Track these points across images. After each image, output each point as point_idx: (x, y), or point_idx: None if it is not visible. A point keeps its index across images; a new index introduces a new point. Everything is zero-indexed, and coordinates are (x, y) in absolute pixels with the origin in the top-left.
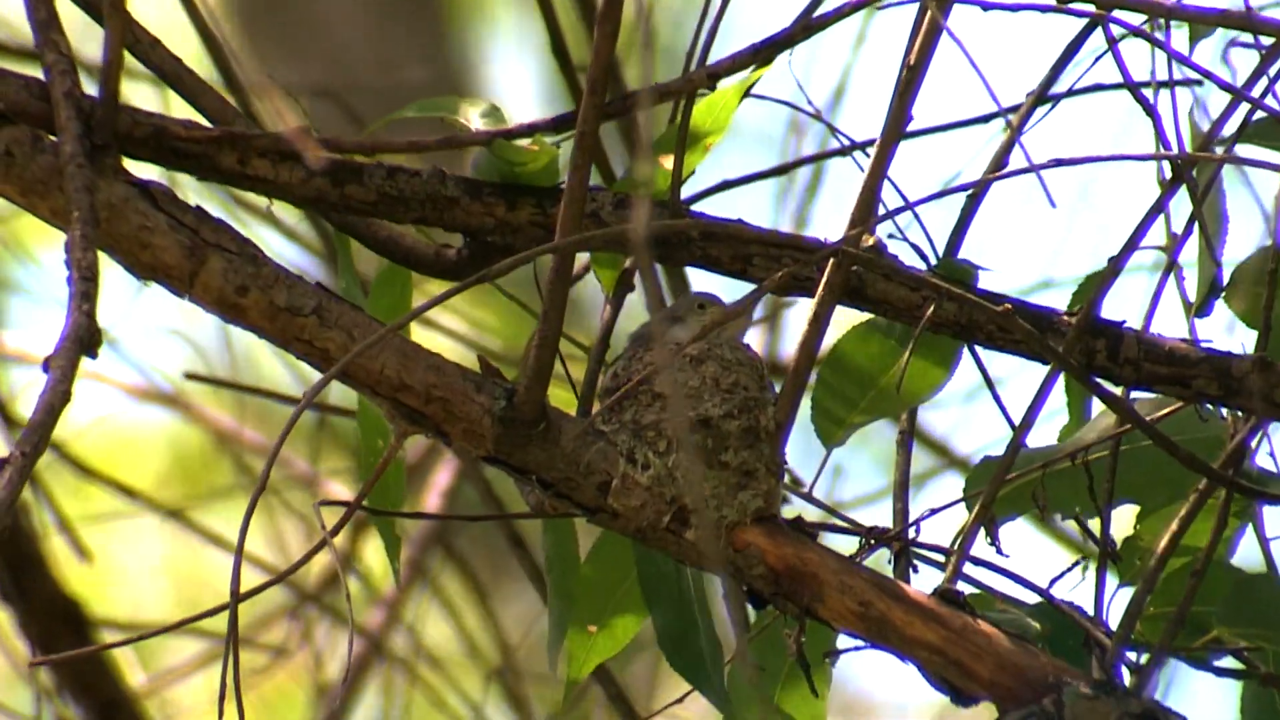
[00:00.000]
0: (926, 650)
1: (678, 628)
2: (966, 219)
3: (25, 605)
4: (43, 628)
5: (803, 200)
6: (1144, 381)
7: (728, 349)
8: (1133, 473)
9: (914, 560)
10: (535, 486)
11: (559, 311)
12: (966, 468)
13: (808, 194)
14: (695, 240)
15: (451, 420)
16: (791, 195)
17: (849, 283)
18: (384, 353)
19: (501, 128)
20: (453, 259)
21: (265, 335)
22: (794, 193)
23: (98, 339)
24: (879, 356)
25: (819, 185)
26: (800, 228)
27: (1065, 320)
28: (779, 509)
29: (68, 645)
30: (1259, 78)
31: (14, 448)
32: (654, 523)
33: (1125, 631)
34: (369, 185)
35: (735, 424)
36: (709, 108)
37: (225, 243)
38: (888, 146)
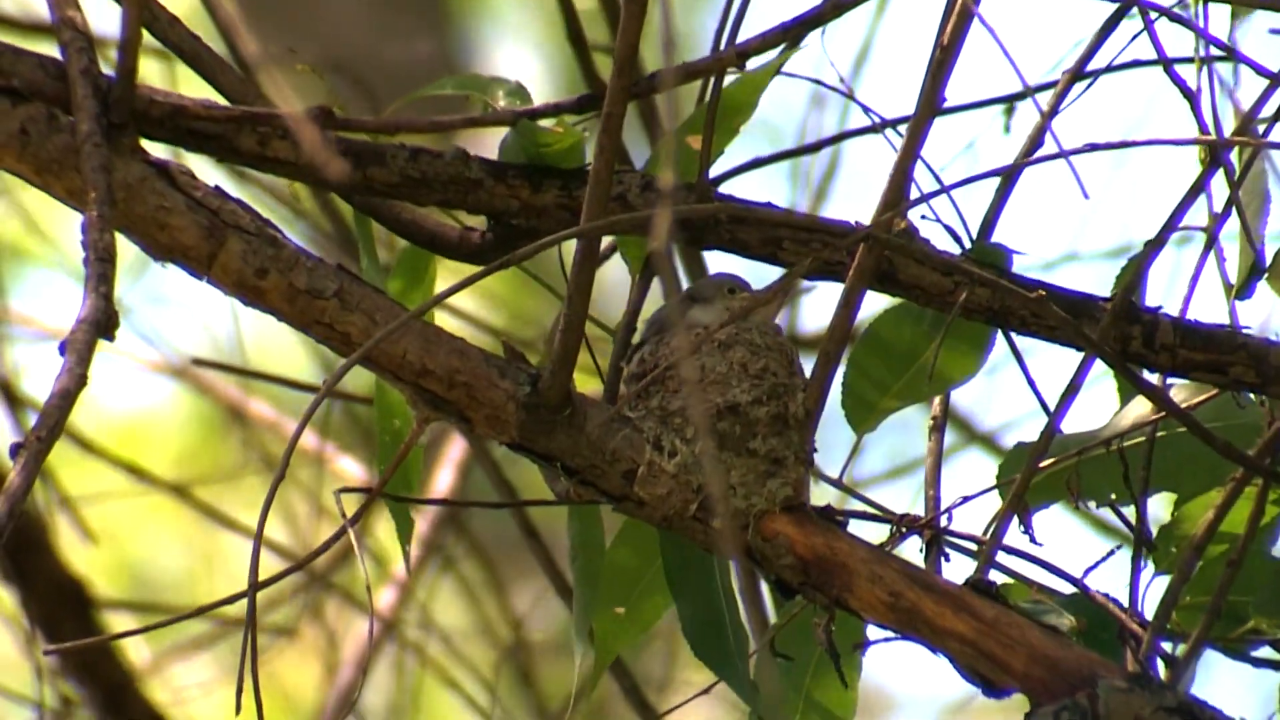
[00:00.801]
0: (958, 642)
1: (703, 617)
2: (999, 203)
3: (27, 586)
4: (46, 609)
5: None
6: (1180, 368)
7: (757, 333)
8: (1169, 460)
9: (946, 549)
10: (560, 474)
11: (584, 295)
12: (990, 444)
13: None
14: (723, 223)
15: (474, 406)
16: (823, 176)
17: (880, 267)
18: (406, 337)
19: (525, 107)
20: (477, 242)
21: (284, 318)
22: (823, 172)
23: (114, 321)
24: (911, 341)
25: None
26: (819, 205)
27: (1100, 306)
28: (808, 497)
29: (71, 627)
30: None
31: (30, 433)
32: (680, 511)
33: (1160, 622)
34: (391, 167)
35: (764, 410)
36: (739, 88)
37: (244, 224)
38: (920, 127)
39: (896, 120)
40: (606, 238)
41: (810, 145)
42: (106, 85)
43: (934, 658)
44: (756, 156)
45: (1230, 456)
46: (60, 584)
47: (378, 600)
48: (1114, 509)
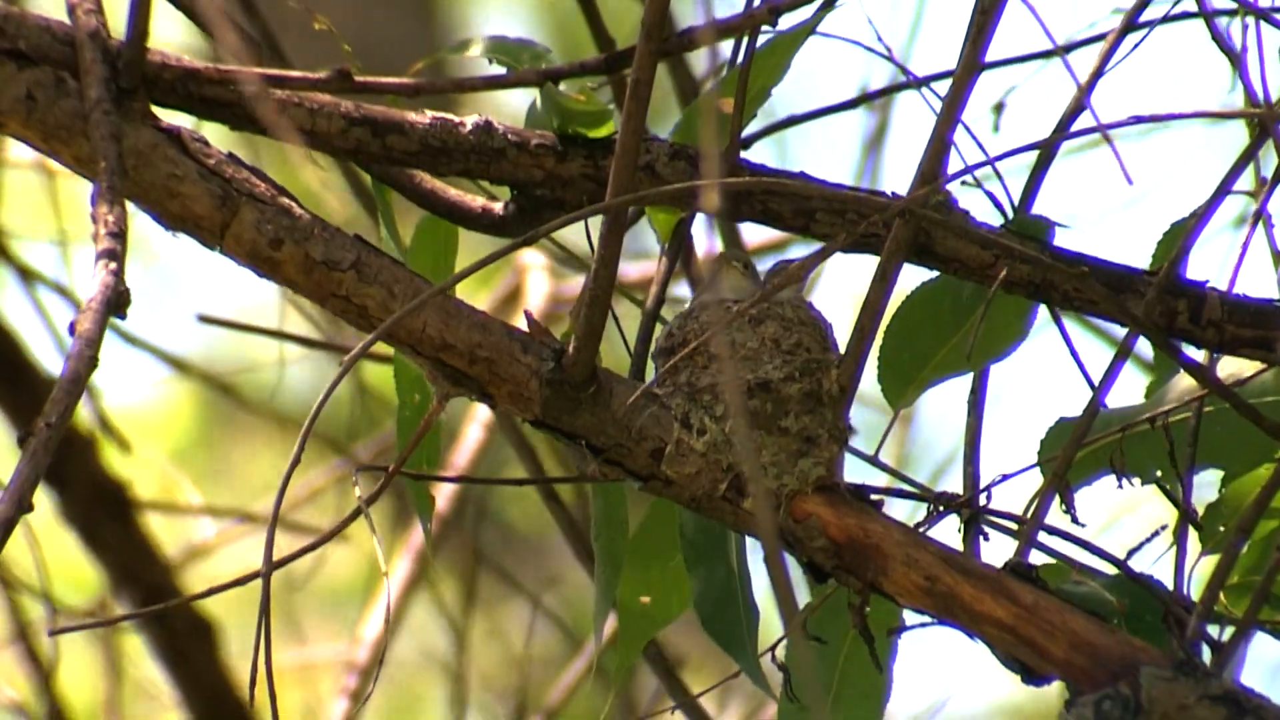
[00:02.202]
0: (996, 627)
1: (716, 593)
2: (1039, 174)
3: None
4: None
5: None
6: (1227, 344)
7: (789, 308)
8: (1216, 436)
9: (985, 529)
10: (585, 452)
11: (611, 269)
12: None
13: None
14: (755, 194)
15: (496, 382)
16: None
17: (917, 240)
18: (426, 310)
19: (548, 67)
20: (499, 213)
21: (300, 291)
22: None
23: (126, 299)
24: (950, 315)
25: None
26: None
27: (1145, 280)
28: (841, 477)
29: (112, 531)
30: None
31: (38, 420)
32: (710, 491)
33: (1207, 605)
34: (411, 135)
35: (796, 387)
36: (772, 49)
37: (258, 193)
38: (960, 90)
39: (933, 77)
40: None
41: (845, 103)
42: (116, 49)
43: (971, 643)
44: (790, 115)
45: (1278, 436)
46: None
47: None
48: (1160, 487)
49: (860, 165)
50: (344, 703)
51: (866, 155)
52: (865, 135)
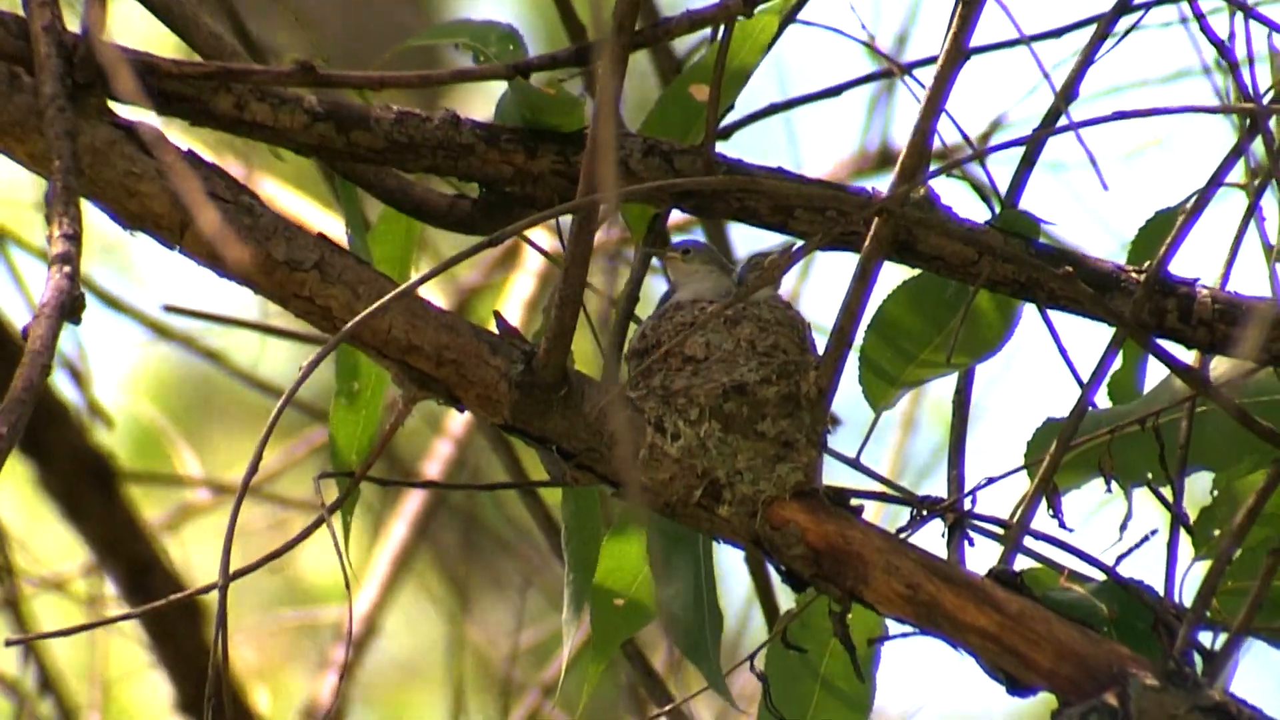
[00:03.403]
0: (980, 637)
1: (683, 600)
2: (1025, 170)
3: (47, 460)
4: (66, 483)
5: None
6: (1219, 344)
7: (765, 308)
8: (1208, 437)
9: (970, 533)
10: (556, 457)
11: (582, 268)
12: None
13: None
14: (732, 192)
15: (464, 385)
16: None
17: (898, 237)
18: (391, 311)
19: (519, 61)
20: (468, 211)
21: (261, 291)
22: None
23: (80, 304)
24: (932, 314)
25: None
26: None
27: (1132, 277)
28: (820, 482)
29: (94, 502)
30: None
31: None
32: (684, 498)
33: (1198, 612)
34: (377, 131)
35: (773, 390)
36: (744, 36)
37: (219, 190)
38: (943, 83)
39: (916, 64)
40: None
41: (827, 90)
42: (72, 42)
43: (955, 653)
44: (772, 103)
45: (1271, 440)
46: (82, 457)
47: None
48: (1151, 489)
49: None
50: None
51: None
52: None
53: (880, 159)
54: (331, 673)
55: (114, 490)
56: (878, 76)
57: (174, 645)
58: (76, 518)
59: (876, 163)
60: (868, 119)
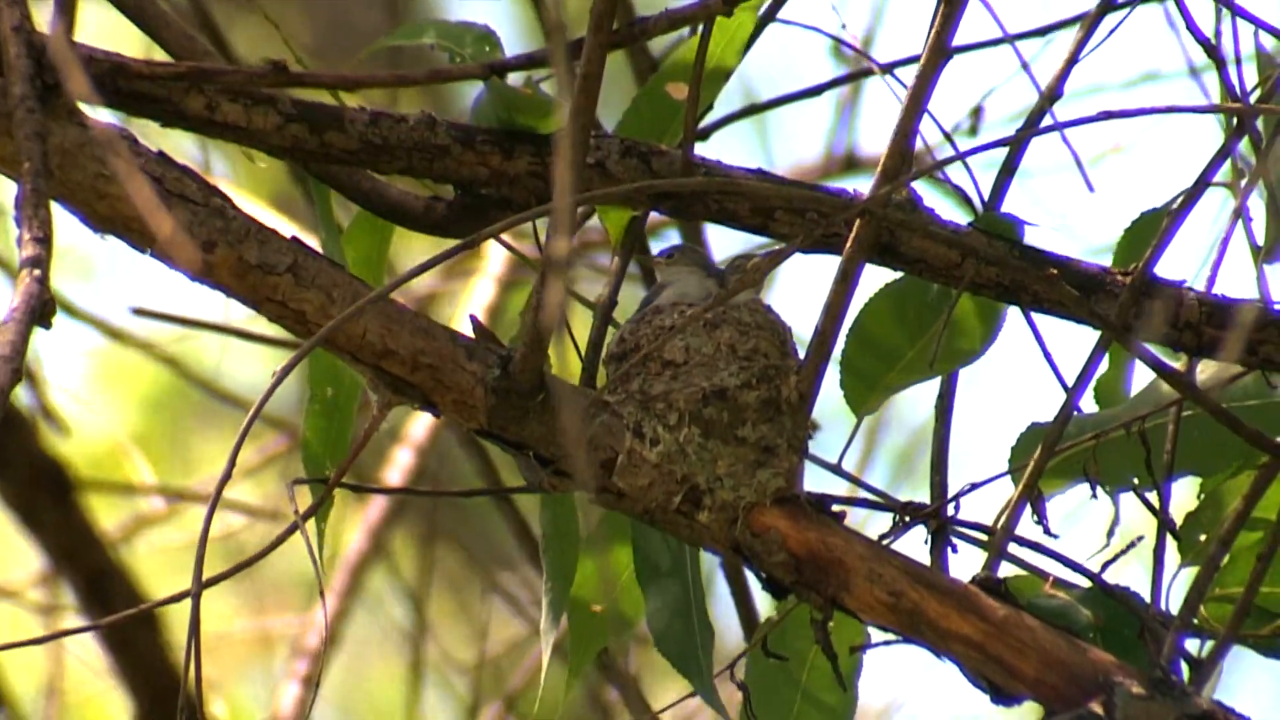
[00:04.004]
0: (964, 645)
1: (671, 610)
2: (1008, 171)
3: (2, 468)
4: (23, 493)
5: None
6: (1205, 348)
7: (746, 311)
8: (1195, 442)
9: (953, 540)
10: (533, 463)
11: (560, 272)
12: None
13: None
14: (711, 193)
15: (440, 390)
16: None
17: (880, 239)
18: (366, 315)
19: (494, 60)
20: (443, 213)
21: (234, 295)
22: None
23: (51, 309)
24: (915, 318)
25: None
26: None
27: (1118, 280)
28: (801, 488)
29: (51, 510)
30: None
31: None
32: (663, 504)
33: (1185, 619)
34: (351, 132)
35: (754, 395)
36: (722, 35)
37: (190, 193)
38: (925, 82)
39: (897, 63)
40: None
41: (807, 90)
42: (41, 43)
43: (938, 662)
44: (751, 104)
45: (1258, 445)
46: (40, 467)
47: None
48: (1137, 495)
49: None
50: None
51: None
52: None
53: (846, 163)
54: (293, 683)
55: (71, 499)
56: (859, 76)
57: (132, 656)
58: (33, 526)
59: (842, 167)
60: (834, 122)
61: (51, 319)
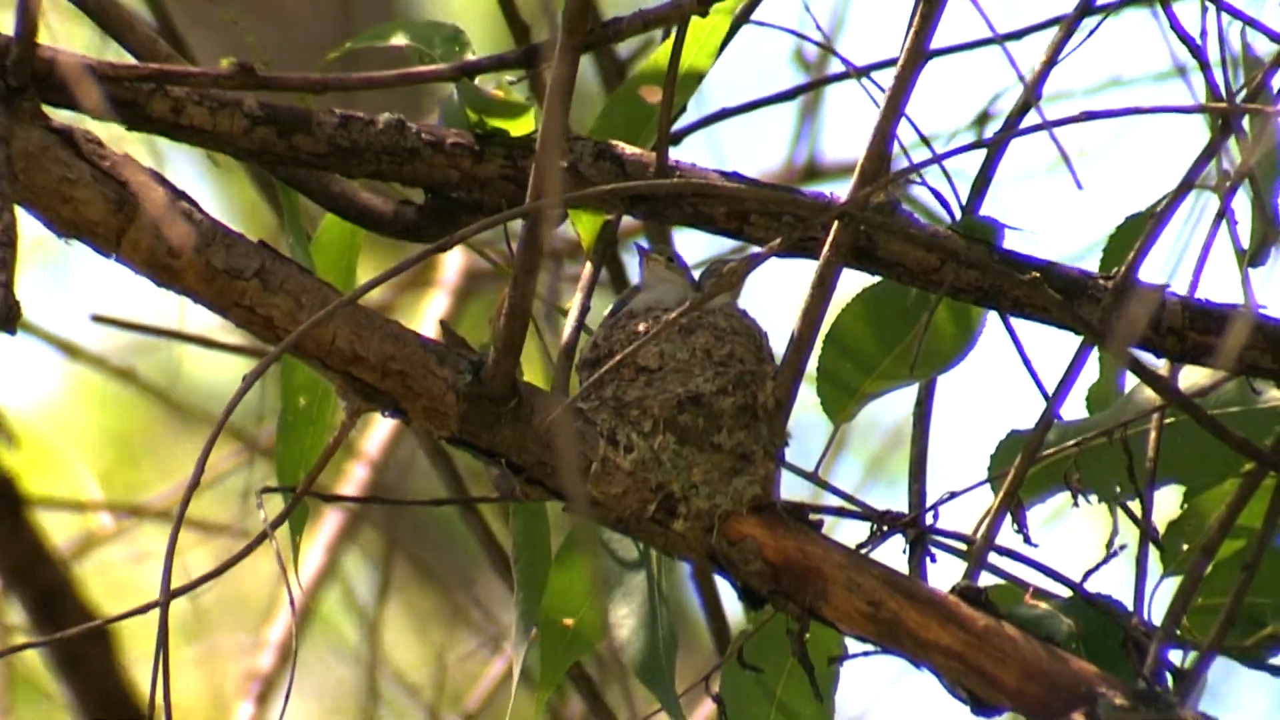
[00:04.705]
0: (944, 655)
1: (634, 619)
2: (988, 173)
3: None
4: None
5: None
6: (1189, 353)
7: (721, 316)
8: (1178, 450)
9: (932, 549)
10: (505, 471)
11: (532, 276)
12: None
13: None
14: (686, 196)
15: (411, 397)
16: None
17: (858, 243)
18: (335, 321)
19: (465, 61)
20: (413, 217)
21: (201, 300)
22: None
23: (15, 314)
24: (893, 323)
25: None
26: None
27: (1101, 284)
28: (778, 496)
29: (1, 528)
30: None
31: None
32: (638, 512)
33: (1169, 629)
34: (319, 135)
35: (730, 401)
36: (696, 37)
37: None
38: (903, 84)
39: (874, 66)
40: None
41: (781, 94)
42: (4, 45)
43: (918, 672)
44: (724, 108)
45: (1243, 451)
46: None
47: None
48: (1119, 504)
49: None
50: (251, 705)
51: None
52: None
53: (808, 172)
54: (247, 702)
55: (20, 514)
56: (833, 80)
57: (83, 674)
58: None
59: (804, 175)
60: (796, 130)
61: (16, 324)
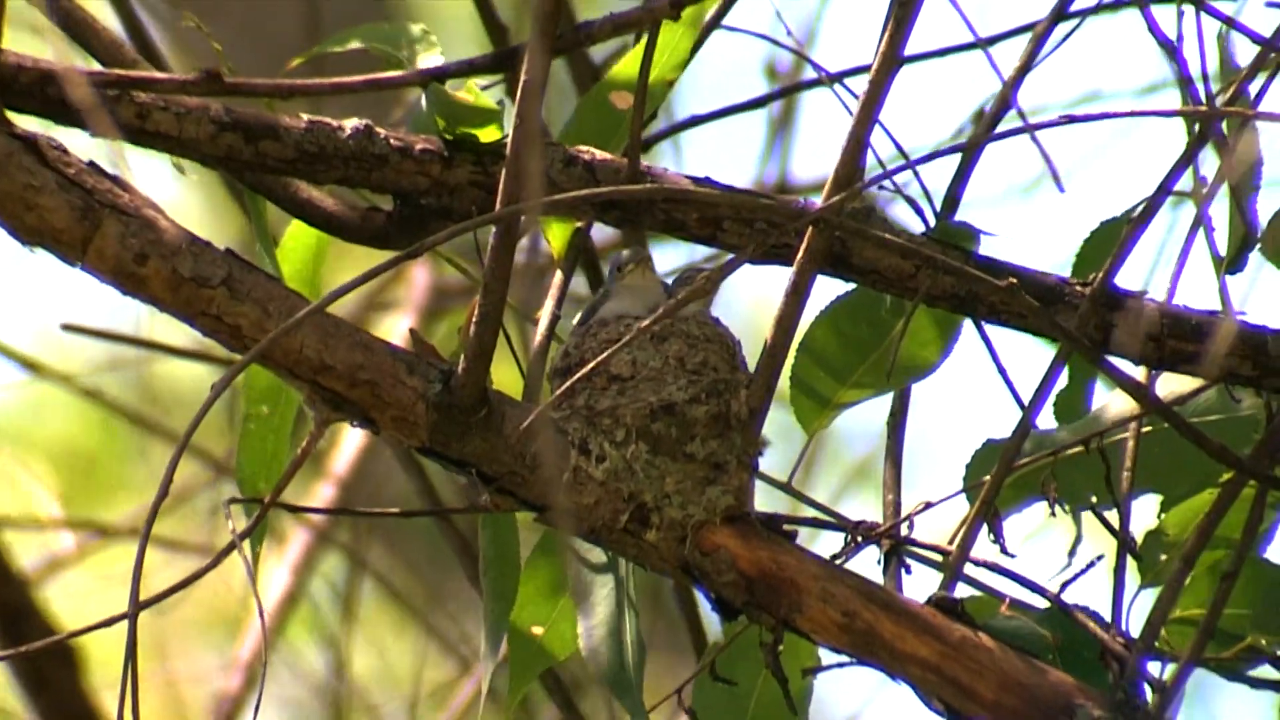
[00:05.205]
0: (920, 667)
1: (604, 629)
2: (964, 177)
3: None
4: None
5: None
6: (1167, 360)
7: (694, 324)
8: (1155, 458)
9: (907, 560)
10: (476, 481)
11: (502, 284)
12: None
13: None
14: (658, 202)
15: (380, 406)
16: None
17: (832, 250)
18: (303, 329)
19: (434, 66)
20: (381, 224)
21: (167, 309)
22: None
23: None
24: (868, 331)
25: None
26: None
27: (1077, 291)
28: (752, 506)
29: None
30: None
31: None
32: (610, 523)
33: (1147, 640)
34: (286, 141)
35: (703, 410)
36: (666, 43)
37: (122, 204)
38: (878, 89)
39: (847, 72)
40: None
41: (752, 101)
42: None
43: (893, 684)
44: (693, 115)
45: (1223, 460)
46: None
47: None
48: (1095, 513)
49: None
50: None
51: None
52: (770, 119)
53: (779, 190)
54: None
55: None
56: (805, 86)
57: (50, 696)
58: None
59: (775, 192)
60: (769, 143)
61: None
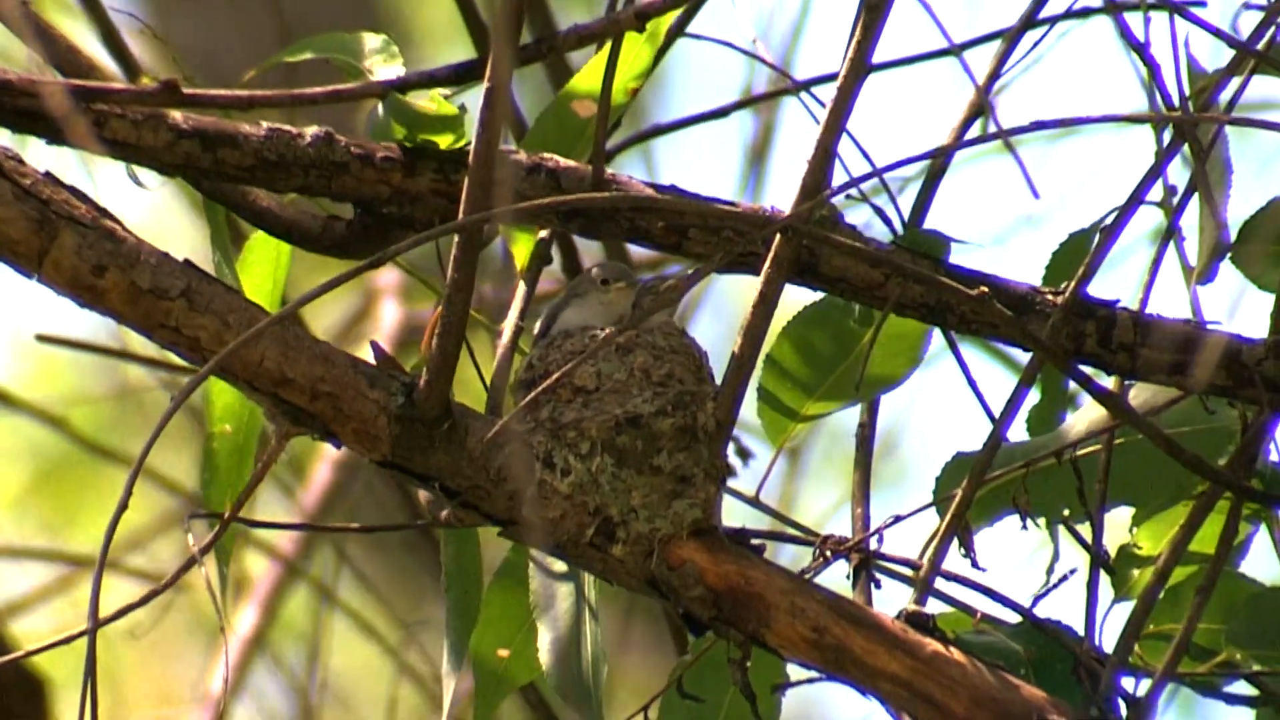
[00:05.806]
0: (891, 683)
1: (565, 642)
2: (934, 184)
3: None
4: None
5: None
6: (1141, 370)
7: (660, 335)
8: (1129, 471)
9: (877, 574)
10: (439, 495)
11: (465, 294)
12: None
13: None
14: (622, 211)
15: (341, 419)
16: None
17: (800, 258)
18: (263, 341)
19: (396, 76)
20: (342, 233)
21: (126, 321)
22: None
23: None
24: (837, 341)
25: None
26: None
27: (1049, 300)
28: (719, 519)
29: None
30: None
31: None
32: (575, 537)
33: (1121, 655)
34: (245, 149)
35: (669, 422)
36: (630, 49)
37: (79, 215)
38: (845, 98)
39: (814, 80)
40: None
41: (716, 110)
42: None
43: (864, 700)
44: (655, 124)
45: (1198, 471)
46: None
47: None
48: (1068, 527)
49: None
50: None
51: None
52: (746, 144)
53: None
54: None
55: None
56: (774, 95)
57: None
58: None
59: None
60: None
61: None
